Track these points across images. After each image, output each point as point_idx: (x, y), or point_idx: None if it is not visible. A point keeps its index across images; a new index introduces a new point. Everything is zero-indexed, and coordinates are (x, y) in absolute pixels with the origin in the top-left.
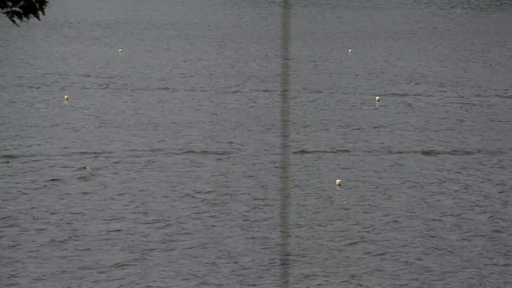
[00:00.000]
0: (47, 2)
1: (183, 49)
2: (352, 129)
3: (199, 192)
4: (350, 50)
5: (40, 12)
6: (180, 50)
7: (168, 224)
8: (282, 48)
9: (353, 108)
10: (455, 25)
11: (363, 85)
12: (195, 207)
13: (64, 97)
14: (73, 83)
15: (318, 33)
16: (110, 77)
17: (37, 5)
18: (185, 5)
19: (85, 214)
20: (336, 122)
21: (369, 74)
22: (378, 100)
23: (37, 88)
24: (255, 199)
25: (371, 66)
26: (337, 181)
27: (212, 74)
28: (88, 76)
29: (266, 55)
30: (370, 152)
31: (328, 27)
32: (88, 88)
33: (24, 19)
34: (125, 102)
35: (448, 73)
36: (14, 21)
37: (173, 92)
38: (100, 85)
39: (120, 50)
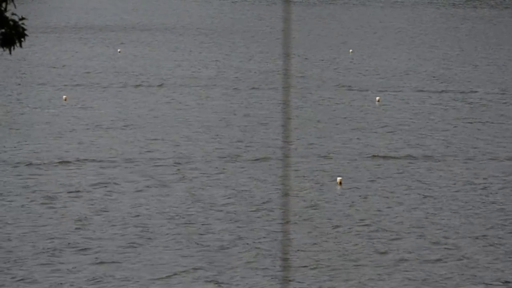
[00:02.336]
0: (27, 35)
1: (190, 49)
2: (352, 129)
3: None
4: (351, 50)
5: (17, 45)
6: (187, 50)
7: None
8: (283, 47)
9: (354, 108)
10: (468, 25)
11: (363, 84)
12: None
13: (63, 97)
14: (100, 83)
15: (320, 32)
16: (120, 78)
17: (15, 38)
18: (193, 7)
19: (154, 215)
20: (337, 121)
21: (370, 74)
22: (379, 100)
23: (61, 88)
24: (257, 199)
25: (372, 66)
26: (338, 179)
27: (217, 74)
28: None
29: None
30: (369, 152)
31: (330, 26)
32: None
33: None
34: (141, 101)
35: (454, 74)
36: None
37: (184, 91)
38: (104, 86)
39: (118, 50)
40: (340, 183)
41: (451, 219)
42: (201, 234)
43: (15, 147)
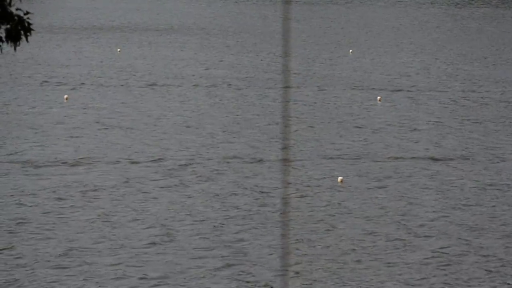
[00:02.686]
0: (33, 30)
1: (196, 49)
2: (353, 128)
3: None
4: (351, 51)
5: (23, 39)
6: (192, 50)
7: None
8: (285, 47)
9: (354, 108)
10: (474, 25)
11: (364, 84)
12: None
13: (64, 96)
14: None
15: (321, 31)
16: (131, 78)
17: (22, 32)
18: (196, 7)
19: (178, 216)
20: (337, 120)
21: (375, 73)
22: (380, 100)
23: (72, 89)
24: (257, 199)
25: (374, 65)
26: (339, 178)
27: (219, 74)
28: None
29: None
30: (381, 152)
31: (331, 25)
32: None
33: (7, 44)
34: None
35: (461, 73)
36: None
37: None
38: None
39: (118, 50)
40: (342, 181)
41: (472, 219)
42: (218, 235)
43: (25, 148)
